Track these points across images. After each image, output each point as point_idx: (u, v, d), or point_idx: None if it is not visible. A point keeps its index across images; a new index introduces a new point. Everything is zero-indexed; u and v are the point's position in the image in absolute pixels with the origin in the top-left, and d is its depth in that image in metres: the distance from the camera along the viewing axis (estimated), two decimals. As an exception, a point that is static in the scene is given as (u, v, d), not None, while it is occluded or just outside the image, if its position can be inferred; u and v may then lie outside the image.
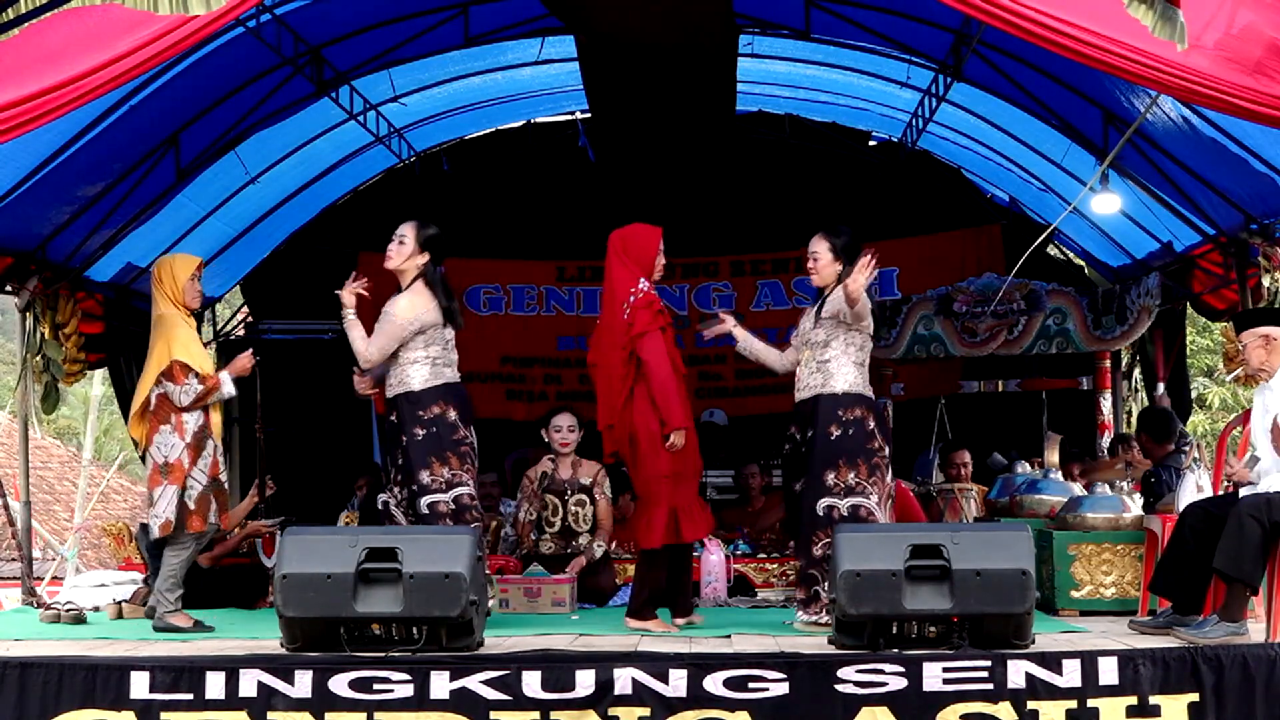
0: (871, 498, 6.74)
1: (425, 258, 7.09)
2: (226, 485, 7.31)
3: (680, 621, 6.99)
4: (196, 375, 7.04)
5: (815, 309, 6.98)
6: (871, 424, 6.81)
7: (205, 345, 7.49)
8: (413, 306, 6.99)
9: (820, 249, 6.99)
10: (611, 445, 7.08)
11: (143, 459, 7.41)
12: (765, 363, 7.28)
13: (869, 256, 6.68)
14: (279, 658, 5.68)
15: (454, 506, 6.93)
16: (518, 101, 11.45)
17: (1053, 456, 9.93)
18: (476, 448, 7.10)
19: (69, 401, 21.09)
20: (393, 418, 7.07)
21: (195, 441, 7.06)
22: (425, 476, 6.91)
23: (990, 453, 10.34)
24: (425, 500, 6.91)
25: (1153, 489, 8.36)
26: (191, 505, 7.03)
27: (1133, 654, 5.55)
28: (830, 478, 6.74)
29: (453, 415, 6.99)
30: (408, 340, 6.97)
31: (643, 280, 7.01)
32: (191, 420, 7.06)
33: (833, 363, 6.84)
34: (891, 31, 9.17)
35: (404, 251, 7.11)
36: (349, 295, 7.08)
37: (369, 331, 7.10)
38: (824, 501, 6.73)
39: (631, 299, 6.96)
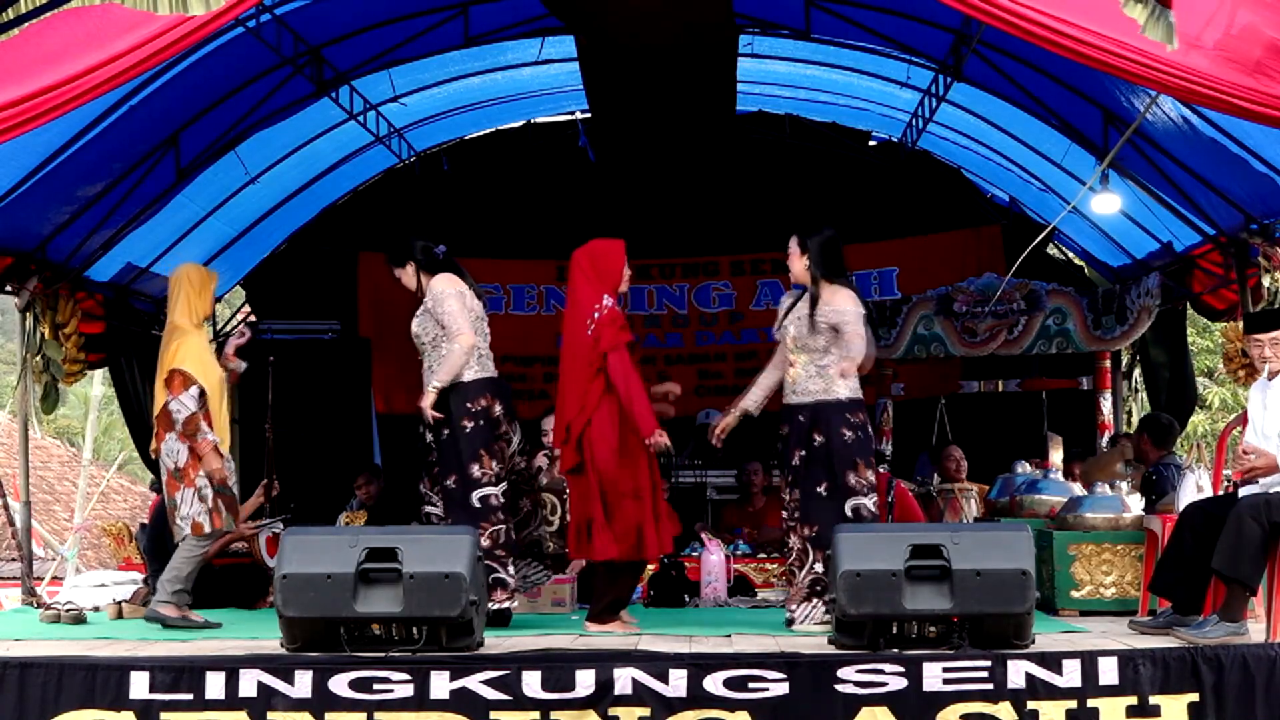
0: (873, 496, 6.90)
1: (412, 265, 7.14)
2: (236, 490, 7.35)
3: (593, 628, 6.95)
4: (199, 389, 7.06)
5: (808, 313, 6.95)
6: (869, 426, 7.01)
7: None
8: (455, 283, 7.02)
9: (791, 244, 7.07)
10: (569, 460, 7.08)
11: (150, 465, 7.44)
12: (772, 390, 7.26)
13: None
14: (279, 658, 5.68)
15: (503, 500, 6.94)
16: (518, 101, 11.45)
17: (1055, 457, 9.94)
18: (513, 444, 7.10)
19: (69, 401, 21.09)
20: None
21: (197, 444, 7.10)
22: (476, 470, 6.90)
23: (991, 453, 10.35)
24: (477, 494, 6.89)
25: (1154, 486, 8.36)
26: (209, 504, 7.11)
27: (1133, 654, 5.55)
28: (851, 479, 6.82)
29: (498, 409, 7.00)
30: (435, 317, 6.96)
31: (606, 297, 7.04)
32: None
33: (831, 368, 6.89)
34: (891, 31, 9.17)
35: (405, 277, 7.18)
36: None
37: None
38: (851, 502, 6.81)
39: (596, 315, 7.00)
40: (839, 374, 6.87)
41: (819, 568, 6.84)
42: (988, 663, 5.49)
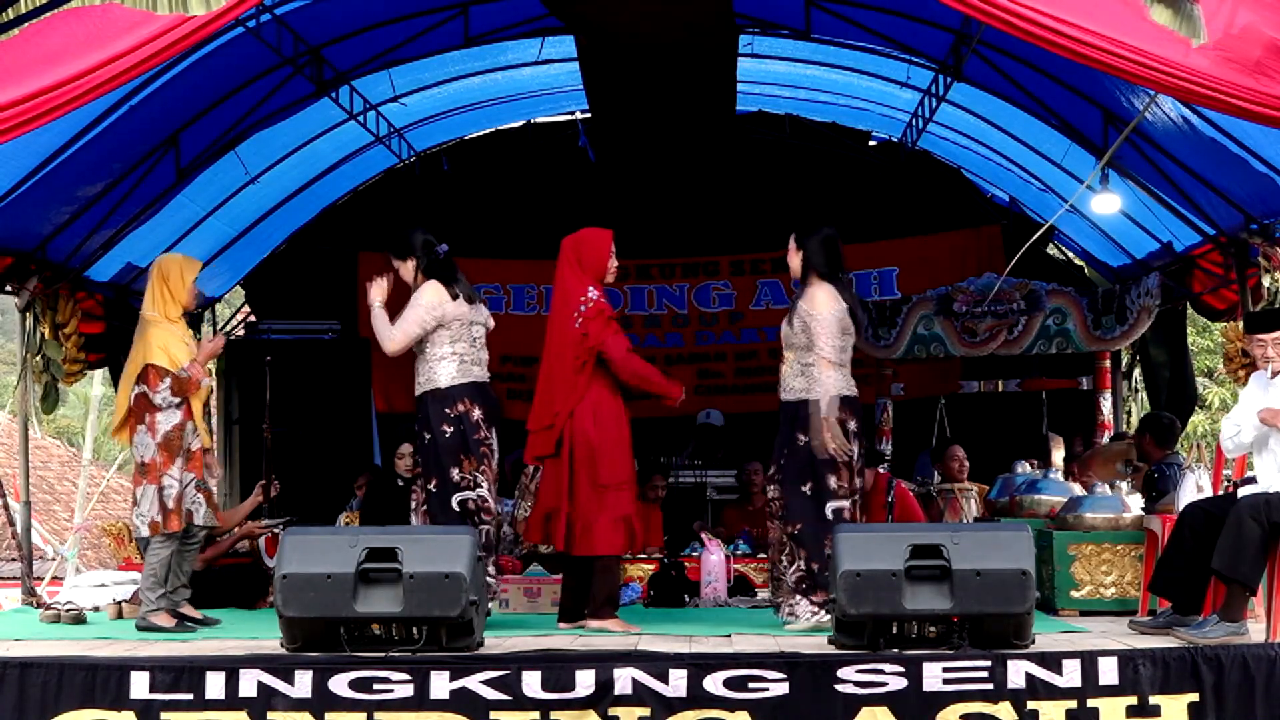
0: (846, 500, 6.86)
1: (413, 261, 7.18)
2: (214, 487, 7.32)
3: (594, 624, 6.98)
4: (172, 377, 7.05)
5: (791, 308, 7.03)
6: (851, 424, 6.91)
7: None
8: (437, 294, 7.06)
9: (790, 242, 7.13)
10: (543, 448, 7.11)
11: None
12: None
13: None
14: (279, 658, 5.68)
15: (481, 504, 6.98)
16: (518, 101, 11.45)
17: (1057, 457, 9.93)
18: (495, 450, 7.13)
19: (69, 401, 21.10)
20: (419, 416, 7.09)
21: (166, 441, 7.06)
22: (455, 474, 6.96)
23: (991, 453, 10.35)
24: (457, 498, 6.95)
25: (1156, 485, 8.37)
26: (170, 504, 7.04)
27: (1133, 654, 5.55)
28: (832, 481, 6.81)
29: (476, 414, 7.02)
30: (430, 329, 7.02)
31: (591, 289, 7.09)
32: (164, 420, 7.07)
33: (815, 366, 6.89)
34: (891, 31, 9.17)
35: (404, 270, 7.21)
36: (376, 292, 7.13)
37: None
38: (832, 505, 6.80)
39: (583, 308, 7.05)
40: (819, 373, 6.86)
41: (802, 566, 6.86)
42: (988, 663, 5.49)
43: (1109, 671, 5.48)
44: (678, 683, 5.48)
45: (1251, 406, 6.33)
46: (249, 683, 5.51)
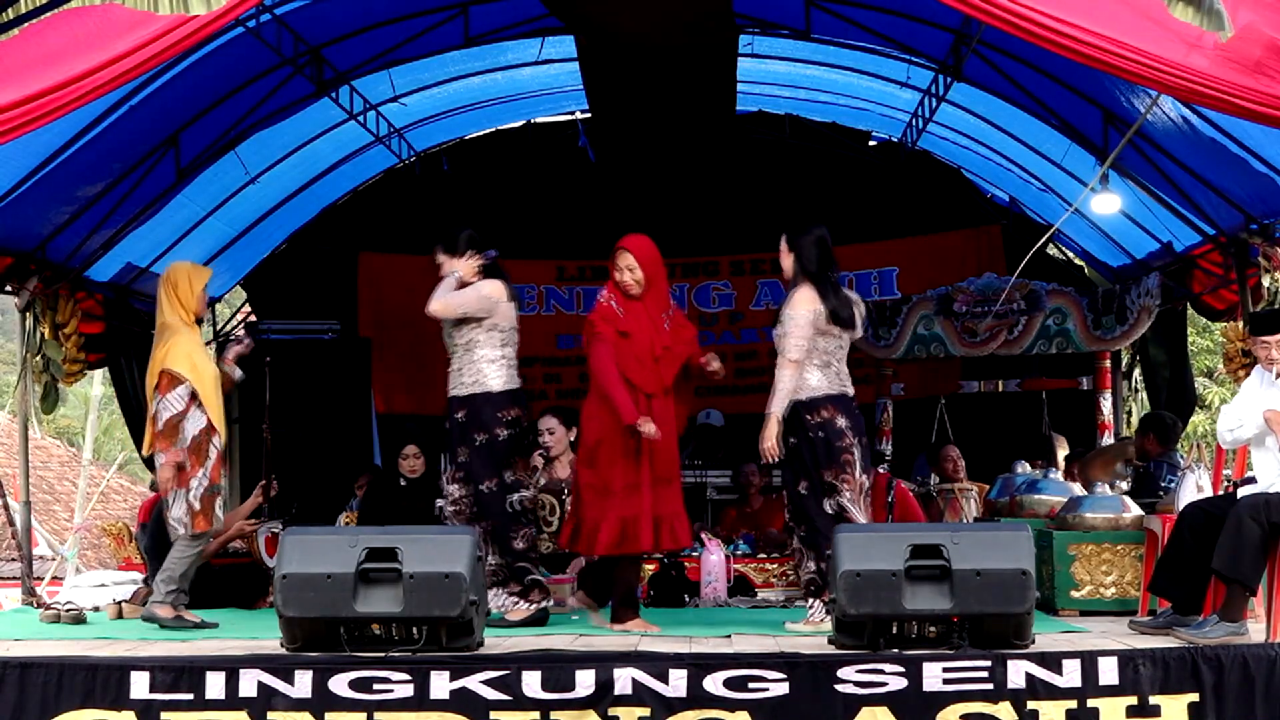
0: (845, 494, 6.78)
1: (465, 257, 7.19)
2: (225, 489, 7.36)
3: (617, 628, 6.99)
4: (189, 389, 7.06)
5: (779, 311, 7.07)
6: (841, 421, 6.82)
7: (206, 344, 7.49)
8: (498, 291, 7.13)
9: (781, 243, 7.09)
10: None
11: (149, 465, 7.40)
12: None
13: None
14: (279, 658, 5.68)
15: (528, 504, 7.14)
16: (518, 101, 11.45)
17: (1061, 457, 9.94)
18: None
19: (69, 401, 21.10)
20: (459, 415, 7.09)
21: (195, 446, 7.09)
22: (509, 475, 7.06)
23: (991, 453, 10.35)
24: (514, 497, 7.05)
25: (1143, 481, 8.38)
26: (197, 505, 7.08)
27: (1133, 654, 5.55)
28: (828, 476, 6.79)
29: (525, 419, 7.19)
30: (472, 315, 7.04)
31: (603, 291, 7.18)
32: (191, 425, 7.08)
33: (803, 369, 6.89)
34: (891, 31, 9.17)
35: (450, 266, 7.20)
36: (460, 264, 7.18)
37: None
38: (832, 500, 6.79)
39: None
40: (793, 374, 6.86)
41: (811, 566, 6.85)
42: (988, 663, 5.49)
43: (1109, 671, 5.48)
44: (678, 683, 5.47)
45: (1253, 400, 6.32)
46: (249, 683, 5.51)
